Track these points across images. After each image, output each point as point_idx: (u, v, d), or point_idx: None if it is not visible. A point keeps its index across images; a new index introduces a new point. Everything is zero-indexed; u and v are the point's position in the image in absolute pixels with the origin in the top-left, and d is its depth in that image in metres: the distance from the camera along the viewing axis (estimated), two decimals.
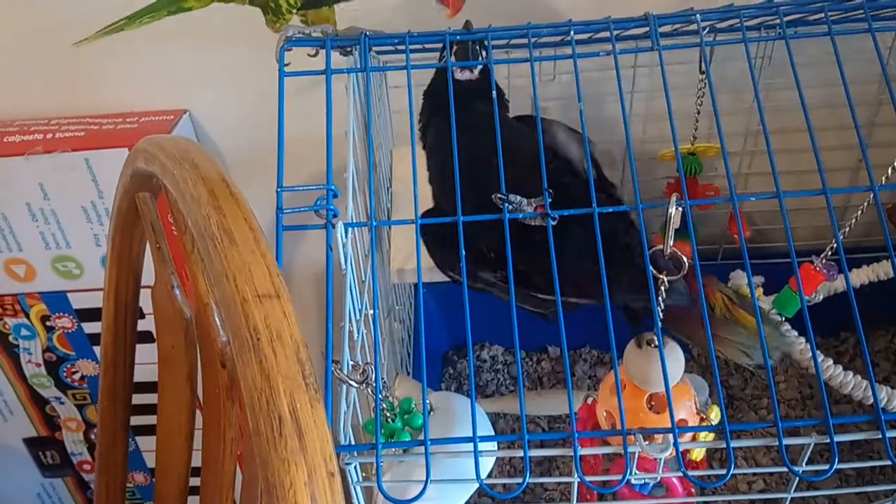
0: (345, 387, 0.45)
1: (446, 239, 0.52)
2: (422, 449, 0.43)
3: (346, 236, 0.50)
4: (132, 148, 0.52)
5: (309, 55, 0.59)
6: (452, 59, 0.58)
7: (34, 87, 0.91)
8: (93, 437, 1.06)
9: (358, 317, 0.53)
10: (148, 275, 0.58)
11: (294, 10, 0.60)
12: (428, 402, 0.49)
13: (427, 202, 0.61)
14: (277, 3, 0.60)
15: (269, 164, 0.55)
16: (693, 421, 0.48)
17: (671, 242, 0.46)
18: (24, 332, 0.96)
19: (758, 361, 0.55)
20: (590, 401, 0.52)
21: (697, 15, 0.56)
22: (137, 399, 0.64)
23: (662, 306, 0.48)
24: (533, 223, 0.52)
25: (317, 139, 0.56)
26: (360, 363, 0.46)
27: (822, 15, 0.58)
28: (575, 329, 0.51)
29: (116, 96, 0.90)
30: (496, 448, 0.48)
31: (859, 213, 0.58)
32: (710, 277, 0.56)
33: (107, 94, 0.90)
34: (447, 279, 0.65)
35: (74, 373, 1.00)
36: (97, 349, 0.97)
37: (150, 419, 0.62)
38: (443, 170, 0.63)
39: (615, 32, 0.56)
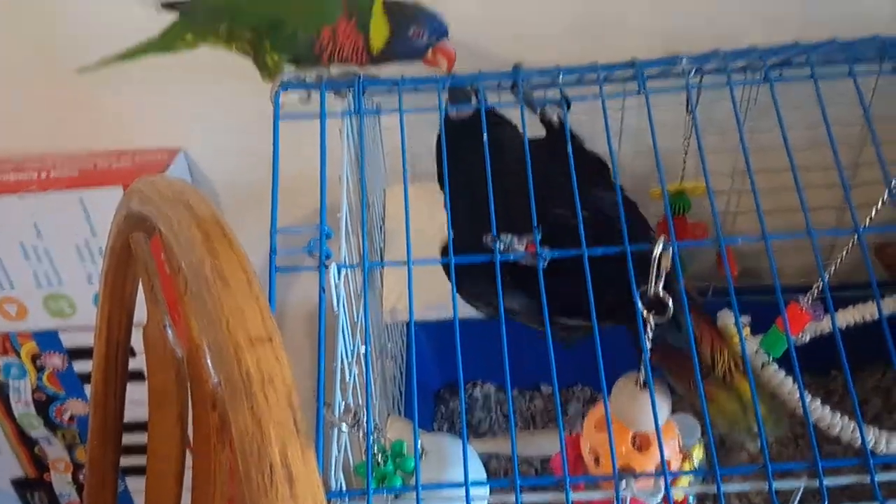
0: (336, 430, 0.45)
1: (472, 270, 0.52)
2: (413, 494, 0.43)
3: (339, 277, 0.50)
4: (127, 188, 0.53)
5: (301, 100, 0.60)
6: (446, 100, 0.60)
7: (29, 126, 0.92)
8: (81, 478, 1.04)
9: (350, 358, 0.53)
10: (140, 313, 0.58)
11: (280, 68, 0.61)
12: (419, 444, 0.49)
13: (420, 238, 0.62)
14: (264, 61, 0.61)
15: (263, 200, 0.56)
16: (676, 460, 0.49)
17: (660, 284, 0.46)
18: (13, 371, 0.95)
19: (738, 440, 0.54)
20: (573, 433, 0.52)
21: (683, 59, 0.58)
22: (127, 439, 0.64)
23: (650, 345, 0.48)
24: (524, 263, 0.53)
25: (310, 175, 0.56)
26: (352, 405, 0.46)
27: (806, 57, 0.59)
28: (567, 367, 0.52)
29: (111, 134, 0.91)
30: (488, 492, 0.48)
31: (844, 253, 0.58)
32: (720, 333, 0.56)
33: (102, 133, 0.91)
34: (440, 318, 0.66)
35: (64, 412, 0.99)
36: (87, 388, 0.96)
37: (139, 459, 0.61)
38: (456, 204, 0.63)
39: (602, 75, 0.57)
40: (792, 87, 0.61)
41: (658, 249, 0.46)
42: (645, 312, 0.48)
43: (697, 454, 0.50)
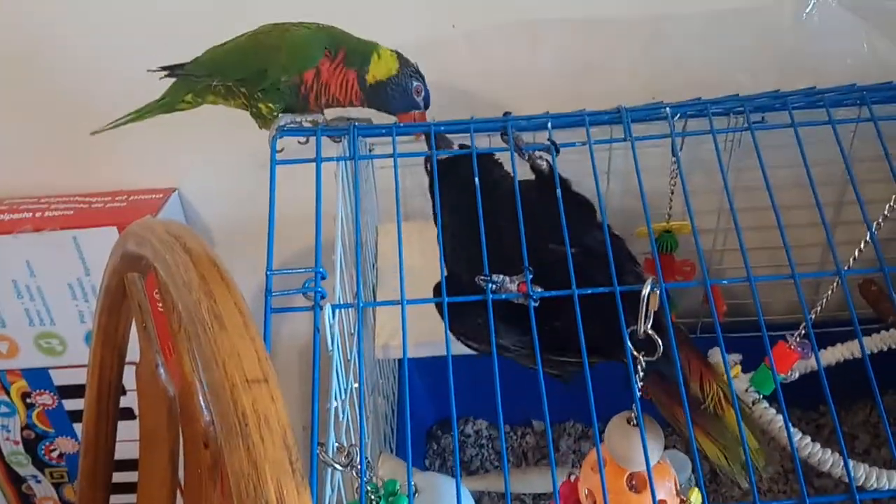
0: (329, 469, 0.45)
1: (463, 308, 0.54)
2: None
3: (334, 317, 0.51)
4: (123, 230, 0.54)
5: (300, 142, 0.61)
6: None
7: (24, 166, 0.92)
8: None
9: (343, 397, 0.54)
10: (132, 352, 0.59)
11: (274, 115, 0.63)
12: (412, 483, 0.49)
13: (412, 275, 0.62)
14: (259, 109, 0.63)
15: (256, 241, 0.56)
16: (672, 502, 0.49)
17: (648, 324, 0.47)
18: (3, 408, 0.95)
19: (730, 474, 0.54)
20: (572, 478, 0.52)
21: (668, 108, 0.59)
22: (117, 477, 0.63)
23: (643, 376, 0.49)
24: (517, 302, 0.54)
25: (302, 216, 0.57)
26: (345, 444, 0.47)
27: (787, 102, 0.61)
28: (559, 403, 0.52)
29: (106, 175, 0.92)
30: None
31: (829, 293, 0.59)
32: (712, 366, 0.56)
33: (97, 173, 0.92)
34: (432, 354, 0.66)
35: (53, 451, 0.98)
36: (77, 427, 0.96)
37: (129, 498, 0.61)
38: (451, 241, 0.64)
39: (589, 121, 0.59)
40: (775, 128, 0.62)
41: (646, 290, 0.47)
42: (635, 353, 0.49)
43: (696, 499, 0.50)
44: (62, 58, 0.84)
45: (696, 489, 0.50)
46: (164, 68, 0.66)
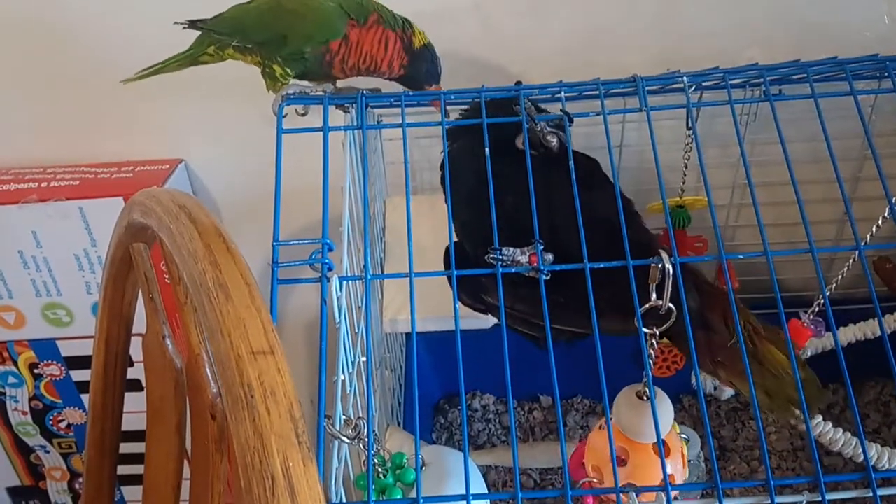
0: (336, 442, 0.45)
1: (474, 284, 0.54)
2: None
3: (341, 290, 0.50)
4: (128, 199, 0.53)
5: (298, 113, 0.60)
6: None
7: (30, 136, 0.92)
8: (77, 486, 1.04)
9: (351, 370, 0.53)
10: (139, 323, 0.58)
11: (287, 79, 0.63)
12: (420, 456, 0.49)
13: (420, 250, 0.62)
14: (272, 69, 0.62)
15: (262, 213, 0.55)
16: (681, 472, 0.49)
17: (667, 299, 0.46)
18: (11, 379, 0.95)
19: (782, 415, 0.52)
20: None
21: (684, 77, 0.58)
22: (124, 448, 0.64)
23: (653, 361, 0.49)
24: (527, 275, 0.53)
25: (308, 188, 0.56)
26: (353, 417, 0.46)
27: (805, 75, 0.60)
28: (566, 378, 0.51)
29: (112, 145, 0.91)
30: None
31: (846, 269, 0.58)
32: (737, 302, 0.55)
33: (102, 144, 0.91)
34: (439, 329, 0.66)
35: (61, 421, 0.99)
36: (85, 397, 0.96)
37: (136, 469, 0.61)
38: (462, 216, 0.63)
39: (603, 91, 0.58)
40: (792, 102, 0.61)
41: (668, 265, 0.46)
42: (647, 330, 0.48)
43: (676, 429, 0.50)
44: (69, 27, 0.83)
45: (676, 424, 0.50)
46: (189, 22, 0.66)
